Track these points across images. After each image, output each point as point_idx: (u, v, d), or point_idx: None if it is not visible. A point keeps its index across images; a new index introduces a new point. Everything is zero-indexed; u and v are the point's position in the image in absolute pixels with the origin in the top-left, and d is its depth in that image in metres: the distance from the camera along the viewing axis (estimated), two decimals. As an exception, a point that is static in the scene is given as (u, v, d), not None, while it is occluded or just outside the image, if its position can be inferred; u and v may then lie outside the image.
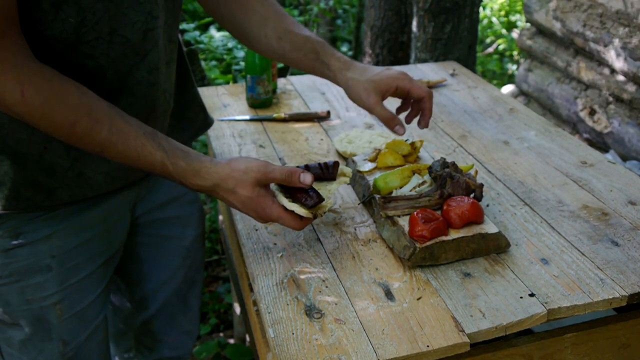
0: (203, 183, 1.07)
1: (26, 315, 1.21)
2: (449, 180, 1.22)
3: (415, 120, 1.36)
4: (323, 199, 1.11)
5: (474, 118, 1.80)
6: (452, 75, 2.15)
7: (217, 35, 3.66)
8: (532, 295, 1.07)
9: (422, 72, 2.18)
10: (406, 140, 1.45)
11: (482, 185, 1.25)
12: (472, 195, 1.23)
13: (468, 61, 2.91)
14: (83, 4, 1.00)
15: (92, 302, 1.29)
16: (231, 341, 2.47)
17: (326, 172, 1.19)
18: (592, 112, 2.90)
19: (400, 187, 1.29)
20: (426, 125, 1.33)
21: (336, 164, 1.20)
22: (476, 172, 1.29)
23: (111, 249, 1.31)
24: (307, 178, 1.09)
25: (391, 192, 1.28)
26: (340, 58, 1.31)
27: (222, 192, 1.08)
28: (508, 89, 3.83)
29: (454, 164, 1.26)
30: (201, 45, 3.10)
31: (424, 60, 2.88)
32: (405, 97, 1.35)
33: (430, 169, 1.26)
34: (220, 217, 2.18)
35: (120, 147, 1.03)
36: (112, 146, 1.03)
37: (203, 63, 3.74)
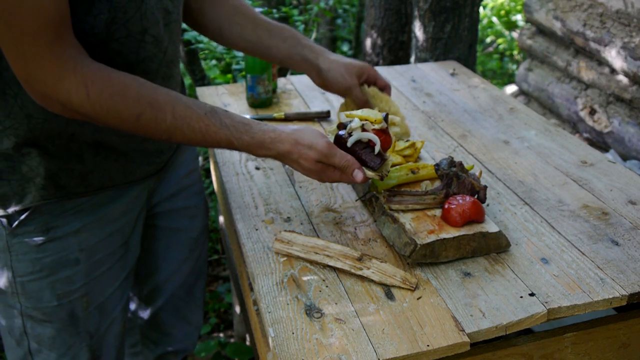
0: (268, 153, 1.15)
1: (57, 311, 1.23)
2: (455, 180, 1.22)
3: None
4: (386, 158, 1.18)
5: (474, 117, 1.80)
6: (453, 74, 2.15)
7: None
8: (532, 294, 1.07)
9: (422, 71, 2.18)
10: (407, 141, 1.45)
11: (486, 187, 1.24)
12: (475, 197, 1.23)
13: (468, 60, 2.90)
14: (114, 3, 1.02)
15: (111, 295, 1.31)
16: (231, 341, 2.47)
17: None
18: (592, 112, 2.90)
19: (398, 185, 1.29)
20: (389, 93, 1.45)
21: (386, 119, 1.26)
22: (480, 172, 1.29)
23: (131, 242, 1.33)
24: (358, 176, 1.14)
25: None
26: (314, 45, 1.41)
27: (286, 161, 1.16)
28: (512, 89, 3.82)
29: (460, 163, 1.26)
30: (201, 45, 3.08)
31: (425, 60, 2.87)
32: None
33: (437, 166, 1.25)
34: (221, 217, 2.17)
35: (185, 131, 1.08)
36: (177, 131, 1.07)
37: (203, 63, 3.73)
